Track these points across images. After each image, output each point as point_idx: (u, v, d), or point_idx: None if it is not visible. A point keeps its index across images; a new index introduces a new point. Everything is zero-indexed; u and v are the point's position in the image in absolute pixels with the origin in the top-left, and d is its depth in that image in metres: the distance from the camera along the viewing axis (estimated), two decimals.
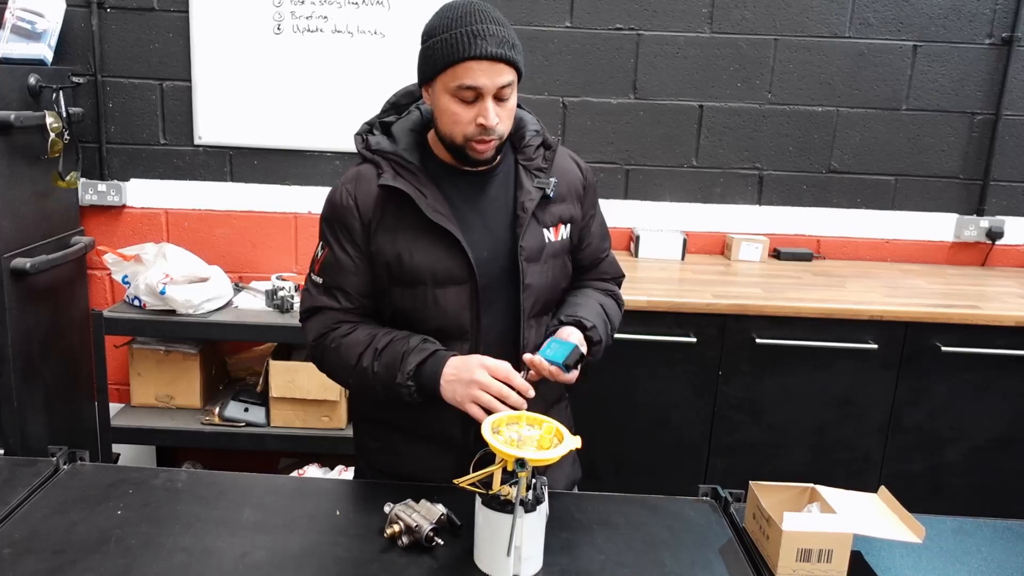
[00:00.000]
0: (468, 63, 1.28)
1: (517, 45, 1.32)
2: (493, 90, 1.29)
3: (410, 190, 1.35)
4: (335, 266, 1.41)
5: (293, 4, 2.57)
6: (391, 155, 1.38)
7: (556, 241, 1.45)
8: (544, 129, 1.49)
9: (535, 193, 1.41)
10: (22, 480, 1.36)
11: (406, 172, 1.37)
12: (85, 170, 2.63)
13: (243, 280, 2.72)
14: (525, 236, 1.39)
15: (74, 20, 2.57)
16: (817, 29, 2.63)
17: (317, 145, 2.68)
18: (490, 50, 1.27)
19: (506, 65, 1.29)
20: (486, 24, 1.29)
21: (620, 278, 1.65)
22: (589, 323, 1.42)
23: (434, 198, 1.36)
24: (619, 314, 1.59)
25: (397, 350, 1.35)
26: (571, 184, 1.49)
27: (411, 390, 1.33)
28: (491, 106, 1.30)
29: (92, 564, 1.15)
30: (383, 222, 1.38)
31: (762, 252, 2.69)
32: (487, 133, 1.31)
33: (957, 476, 2.30)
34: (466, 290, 1.38)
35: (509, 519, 1.11)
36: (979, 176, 2.74)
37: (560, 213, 1.46)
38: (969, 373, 2.24)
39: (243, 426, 2.44)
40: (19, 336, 2.32)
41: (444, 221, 1.35)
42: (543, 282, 1.44)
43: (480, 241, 1.39)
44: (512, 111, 1.36)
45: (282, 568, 1.17)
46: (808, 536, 1.17)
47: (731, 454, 2.31)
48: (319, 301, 1.43)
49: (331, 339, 1.41)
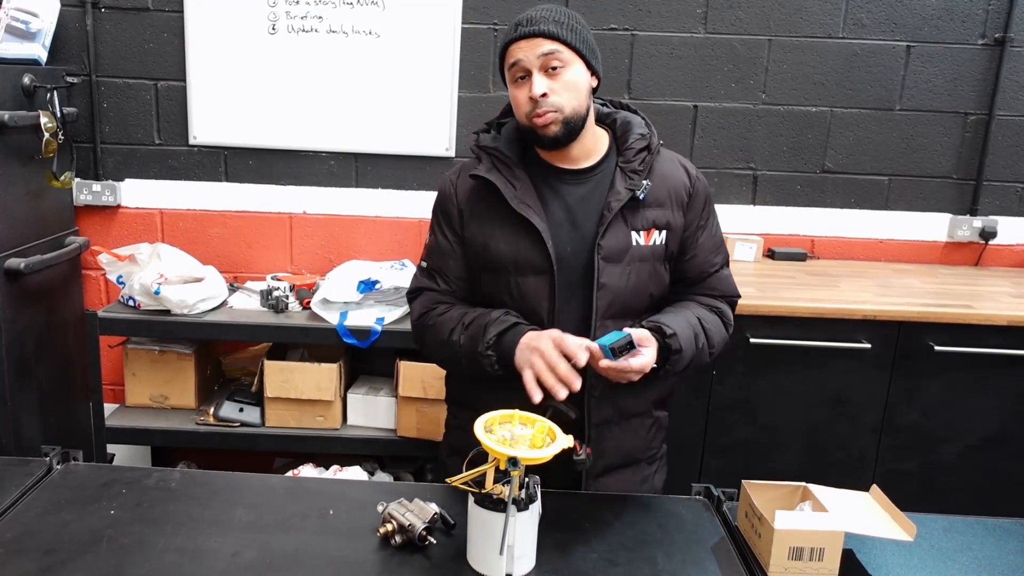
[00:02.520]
0: (511, 47, 1.40)
1: (564, 23, 1.38)
2: (536, 62, 1.37)
3: (500, 181, 1.42)
4: (437, 250, 1.53)
5: (288, 4, 2.57)
6: (492, 149, 1.47)
7: (646, 245, 1.46)
8: (653, 134, 1.50)
9: (624, 194, 1.43)
10: (15, 480, 1.36)
11: (503, 166, 1.45)
12: (80, 170, 2.63)
13: (238, 280, 2.72)
14: (606, 235, 1.42)
15: (68, 20, 2.57)
16: (811, 29, 2.64)
17: (312, 145, 2.68)
18: (526, 30, 1.38)
19: (545, 39, 1.36)
20: (532, 13, 1.39)
21: (733, 298, 1.60)
22: (669, 330, 1.39)
23: (524, 191, 1.43)
24: (722, 331, 1.53)
25: (481, 323, 1.41)
26: (673, 190, 1.49)
27: (491, 360, 1.39)
28: (537, 77, 1.37)
29: (84, 564, 1.15)
30: (476, 210, 1.47)
31: (756, 252, 2.70)
32: (539, 105, 1.37)
33: (950, 475, 2.31)
34: (545, 281, 1.43)
35: (502, 518, 1.11)
36: (972, 176, 2.75)
37: (655, 218, 1.46)
38: (962, 372, 2.24)
39: (238, 426, 2.44)
40: (13, 336, 2.31)
41: (528, 212, 1.41)
42: (623, 284, 1.45)
43: (565, 236, 1.44)
44: (570, 85, 1.39)
45: (274, 567, 1.17)
46: (800, 534, 1.18)
47: (725, 453, 2.31)
48: (422, 283, 1.55)
49: (430, 318, 1.50)
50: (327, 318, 2.35)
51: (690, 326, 1.45)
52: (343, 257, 2.72)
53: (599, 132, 1.51)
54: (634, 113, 1.54)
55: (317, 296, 2.39)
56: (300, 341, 2.45)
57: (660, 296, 1.53)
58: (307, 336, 2.37)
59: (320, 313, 2.37)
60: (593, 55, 1.43)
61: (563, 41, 1.37)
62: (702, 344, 1.46)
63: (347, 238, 2.73)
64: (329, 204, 2.72)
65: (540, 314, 1.44)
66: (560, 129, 1.40)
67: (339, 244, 2.74)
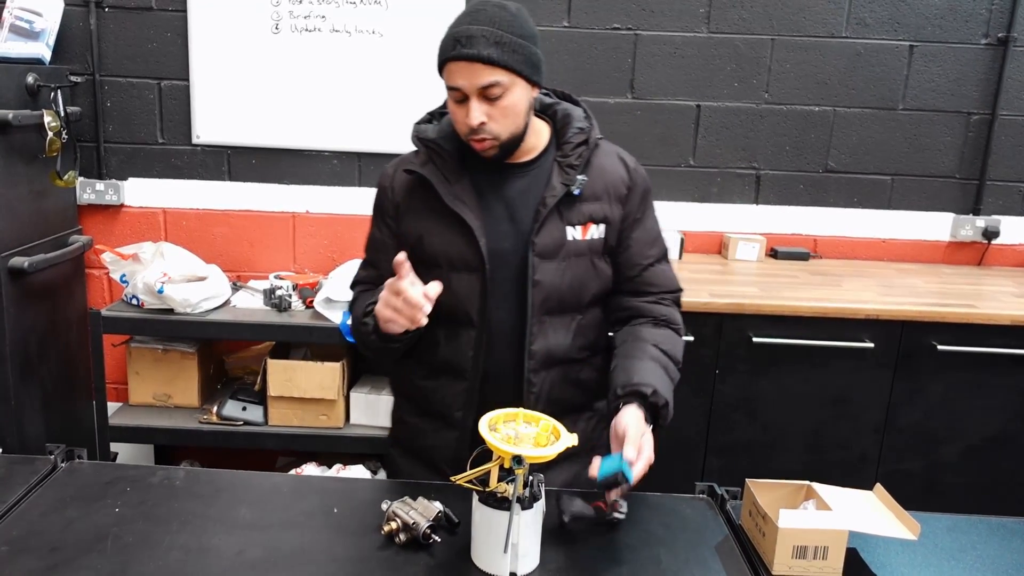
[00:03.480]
0: (449, 65, 1.32)
1: (508, 44, 1.29)
2: (473, 91, 1.31)
3: (435, 177, 1.40)
4: (373, 243, 1.53)
5: (291, 3, 2.57)
6: (431, 142, 1.44)
7: (582, 240, 1.43)
8: (592, 127, 1.45)
9: (559, 189, 1.40)
10: (20, 478, 1.36)
11: (440, 160, 1.42)
12: (83, 169, 2.63)
13: (241, 279, 2.72)
14: (540, 231, 1.40)
15: (72, 19, 2.57)
16: (814, 29, 2.64)
17: (315, 144, 2.68)
18: (465, 52, 1.29)
19: (486, 66, 1.29)
20: (476, 25, 1.29)
21: (675, 292, 1.53)
22: (648, 389, 1.33)
23: (460, 186, 1.41)
24: (679, 344, 1.48)
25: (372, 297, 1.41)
26: (611, 183, 1.46)
27: (369, 327, 1.40)
28: (474, 106, 1.32)
29: (89, 562, 1.15)
30: (411, 204, 1.45)
31: (759, 251, 2.70)
32: (475, 133, 1.34)
33: (953, 475, 2.31)
34: (477, 278, 1.41)
35: (506, 516, 1.11)
36: (975, 176, 2.75)
37: (591, 212, 1.43)
38: (965, 372, 2.24)
39: (241, 425, 2.44)
40: (17, 335, 2.32)
41: (461, 208, 1.39)
42: (558, 280, 1.42)
43: (502, 233, 1.41)
44: (509, 111, 1.33)
45: (278, 565, 1.17)
46: (804, 533, 1.18)
47: (728, 453, 2.31)
48: (358, 275, 1.56)
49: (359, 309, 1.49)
50: (330, 317, 2.35)
51: (656, 369, 1.38)
52: (346, 256, 2.72)
53: (539, 125, 1.46)
54: (575, 104, 1.50)
55: (320, 295, 2.40)
56: (303, 340, 2.46)
57: (602, 292, 1.49)
58: (310, 335, 2.37)
59: (323, 312, 2.37)
60: (534, 70, 1.35)
61: (503, 66, 1.29)
62: (674, 371, 1.42)
63: (350, 237, 2.73)
64: (332, 203, 2.72)
65: (471, 311, 1.42)
66: (497, 153, 1.37)
67: (342, 243, 2.74)
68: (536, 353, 1.43)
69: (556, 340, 1.45)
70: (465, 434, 1.46)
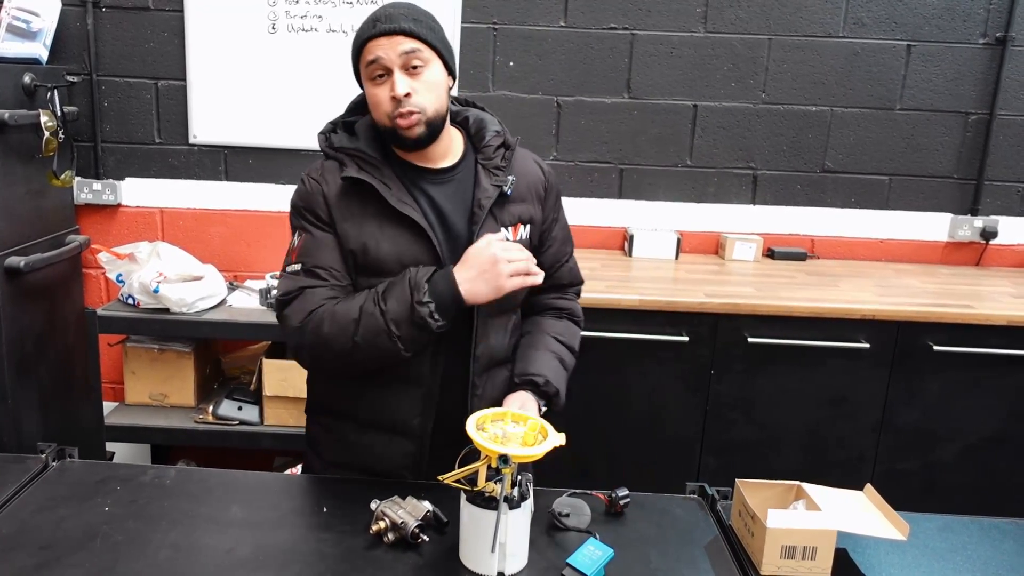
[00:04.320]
0: (368, 44, 1.35)
1: (422, 21, 1.36)
2: (396, 60, 1.34)
3: (375, 181, 1.39)
4: (313, 247, 1.41)
5: (288, 4, 2.57)
6: (352, 151, 1.42)
7: (514, 241, 1.46)
8: (506, 131, 1.51)
9: (492, 191, 1.42)
10: (11, 476, 1.37)
11: (368, 166, 1.41)
12: (80, 169, 2.64)
13: (237, 279, 2.73)
14: (480, 233, 1.40)
15: (69, 19, 2.58)
16: (811, 29, 2.63)
17: (312, 144, 2.65)
18: (384, 27, 1.33)
19: (406, 37, 1.34)
20: (387, 10, 1.36)
21: (578, 285, 1.66)
22: (541, 379, 1.46)
23: (398, 189, 1.40)
24: (577, 335, 1.60)
25: (399, 282, 1.34)
26: (531, 185, 1.50)
27: (431, 308, 1.30)
28: (399, 76, 1.34)
29: (79, 560, 1.16)
30: (348, 212, 1.41)
31: (756, 252, 2.69)
32: (402, 105, 1.34)
33: (950, 475, 2.30)
34: None
35: (494, 516, 1.12)
36: (973, 176, 2.74)
37: (519, 213, 1.48)
38: (961, 372, 2.24)
39: (237, 424, 2.44)
40: (14, 334, 2.32)
41: (409, 210, 1.38)
42: None
43: (440, 236, 1.41)
44: (431, 85, 1.36)
45: (268, 564, 1.17)
46: (792, 533, 1.18)
47: (724, 453, 2.31)
48: (302, 282, 1.40)
49: (323, 311, 1.36)
50: None
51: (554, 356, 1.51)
52: None
53: (453, 131, 1.48)
54: (483, 111, 1.54)
55: None
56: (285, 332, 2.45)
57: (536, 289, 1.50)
58: None
59: None
60: (450, 54, 1.41)
61: (423, 39, 1.34)
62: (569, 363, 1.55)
63: None
64: None
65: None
66: (423, 131, 1.37)
67: None
68: (480, 356, 1.44)
69: (496, 341, 1.48)
70: (424, 440, 1.45)
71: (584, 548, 1.20)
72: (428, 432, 1.45)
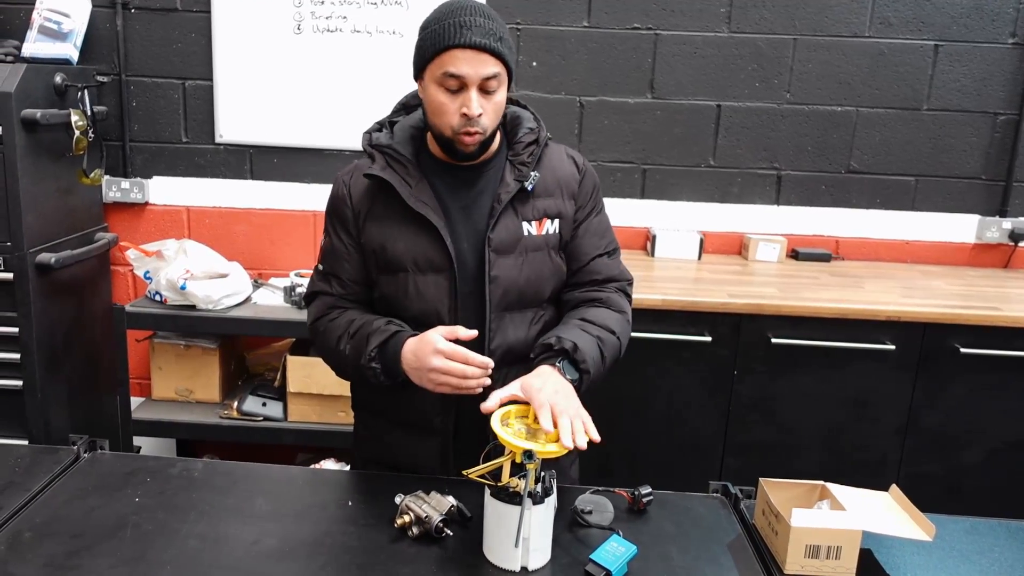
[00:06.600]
0: (453, 51, 1.31)
1: (506, 40, 1.34)
2: (477, 80, 1.32)
3: (395, 180, 1.40)
4: (331, 253, 1.48)
5: (313, 4, 2.60)
6: (386, 148, 1.44)
7: (538, 235, 1.45)
8: (541, 128, 1.50)
9: (513, 186, 1.42)
10: (44, 467, 1.39)
11: (397, 164, 1.42)
12: (109, 167, 2.68)
13: (262, 276, 2.75)
14: (496, 228, 1.41)
15: (99, 20, 2.62)
16: (836, 29, 2.61)
17: (336, 144, 2.71)
18: (474, 39, 1.30)
19: (491, 56, 1.31)
20: (474, 17, 1.32)
21: (620, 281, 1.56)
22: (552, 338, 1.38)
23: (420, 189, 1.41)
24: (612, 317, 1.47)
25: (363, 332, 1.40)
26: (562, 180, 1.49)
27: (376, 372, 1.37)
28: (475, 96, 1.32)
29: (109, 548, 1.18)
30: (372, 211, 1.44)
31: (780, 252, 2.68)
32: (471, 124, 1.34)
33: (975, 478, 2.27)
34: (445, 278, 1.41)
35: (517, 511, 1.12)
36: (1002, 177, 2.71)
37: (546, 207, 1.46)
38: (987, 375, 2.21)
39: (261, 420, 2.47)
40: (43, 329, 2.36)
41: (425, 210, 1.39)
42: (515, 275, 1.43)
43: (462, 232, 1.42)
44: (499, 107, 1.37)
45: (293, 555, 1.18)
46: (817, 532, 1.17)
47: (745, 453, 2.30)
48: (317, 287, 1.51)
49: (322, 324, 1.47)
50: None
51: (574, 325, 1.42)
52: None
53: None
54: (523, 108, 1.53)
55: None
56: None
57: (561, 287, 1.51)
58: None
59: None
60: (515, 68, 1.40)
61: (504, 61, 1.33)
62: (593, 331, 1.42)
63: None
64: None
65: (441, 312, 1.41)
66: (477, 149, 1.38)
67: None
68: (496, 351, 1.42)
69: (516, 336, 1.44)
70: (447, 438, 1.45)
71: (607, 544, 1.20)
72: (450, 430, 1.45)
